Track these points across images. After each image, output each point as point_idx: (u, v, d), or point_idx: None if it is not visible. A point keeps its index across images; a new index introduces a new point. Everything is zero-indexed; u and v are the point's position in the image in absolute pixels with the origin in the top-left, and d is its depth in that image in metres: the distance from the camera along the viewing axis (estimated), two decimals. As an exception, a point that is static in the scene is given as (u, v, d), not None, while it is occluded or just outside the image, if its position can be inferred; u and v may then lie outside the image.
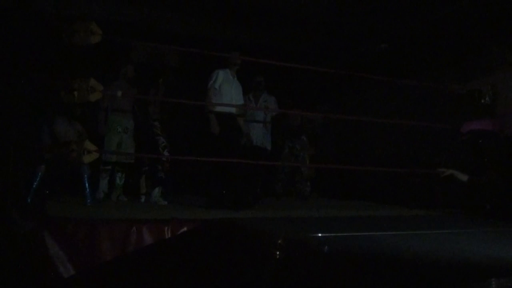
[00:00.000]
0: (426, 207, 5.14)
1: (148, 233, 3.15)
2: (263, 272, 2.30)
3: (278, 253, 2.28)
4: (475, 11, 5.27)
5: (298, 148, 6.62)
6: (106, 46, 3.75)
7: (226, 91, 4.73)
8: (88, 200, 4.52)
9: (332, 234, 2.73)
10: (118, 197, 5.25)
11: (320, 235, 2.66)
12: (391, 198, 5.94)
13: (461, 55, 5.60)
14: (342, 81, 6.79)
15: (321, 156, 8.03)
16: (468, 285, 1.69)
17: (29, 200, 4.41)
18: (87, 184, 4.55)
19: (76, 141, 3.44)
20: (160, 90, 5.12)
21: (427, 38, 6.04)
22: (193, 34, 6.45)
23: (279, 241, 2.39)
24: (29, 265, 2.87)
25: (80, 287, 2.94)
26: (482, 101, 4.59)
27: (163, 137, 5.08)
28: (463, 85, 4.64)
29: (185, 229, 3.25)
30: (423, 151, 6.15)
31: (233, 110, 4.76)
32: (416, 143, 6.27)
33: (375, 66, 6.37)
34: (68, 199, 4.88)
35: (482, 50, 4.70)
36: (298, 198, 6.54)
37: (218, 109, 4.63)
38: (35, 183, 4.49)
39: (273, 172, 6.65)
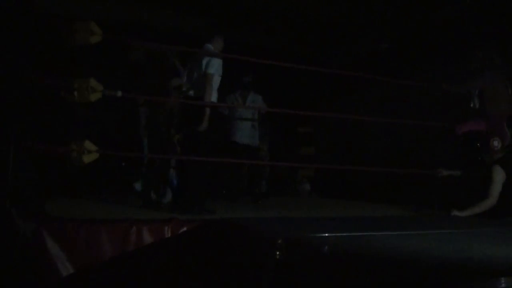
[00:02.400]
0: (425, 206, 5.14)
1: (148, 233, 3.14)
2: (263, 272, 2.30)
3: (278, 253, 2.28)
4: (468, 14, 5.31)
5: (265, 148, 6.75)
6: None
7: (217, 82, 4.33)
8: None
9: (332, 234, 2.73)
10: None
11: (320, 235, 2.66)
12: (391, 198, 5.94)
13: (457, 56, 5.63)
14: (341, 81, 6.79)
15: (320, 156, 8.04)
16: (468, 285, 1.69)
17: (154, 196, 4.65)
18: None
19: (76, 141, 3.43)
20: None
21: (427, 38, 6.06)
22: (190, 33, 6.46)
23: (279, 241, 2.39)
24: (29, 265, 2.86)
25: (80, 287, 2.94)
26: (471, 105, 4.64)
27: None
28: (452, 87, 4.69)
29: (185, 229, 3.25)
30: (422, 151, 6.14)
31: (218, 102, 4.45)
32: (416, 142, 6.27)
33: (375, 66, 6.38)
34: (68, 199, 4.88)
35: (471, 52, 4.73)
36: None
37: (213, 99, 4.25)
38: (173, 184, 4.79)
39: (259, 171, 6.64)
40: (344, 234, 2.82)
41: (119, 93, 4.56)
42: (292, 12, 6.14)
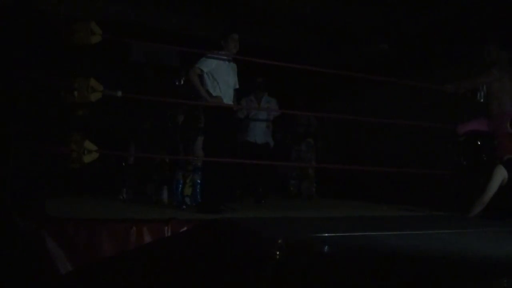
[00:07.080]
0: (427, 207, 5.14)
1: (148, 233, 3.14)
2: (263, 272, 2.30)
3: (277, 253, 2.28)
4: (471, 12, 5.29)
5: (304, 150, 6.75)
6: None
7: (221, 75, 4.27)
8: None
9: (332, 234, 2.73)
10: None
11: (320, 235, 2.66)
12: (391, 198, 5.93)
13: (458, 54, 5.61)
14: (341, 81, 6.79)
15: (321, 156, 8.02)
16: (468, 285, 1.69)
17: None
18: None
19: (76, 141, 3.42)
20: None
21: (427, 38, 6.05)
22: (192, 34, 6.46)
23: (279, 241, 2.39)
24: (29, 265, 2.86)
25: (78, 286, 2.94)
26: (478, 97, 4.59)
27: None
28: (458, 84, 4.65)
29: (185, 229, 3.25)
30: (423, 151, 6.14)
31: (229, 100, 4.38)
32: (416, 143, 6.27)
33: (375, 66, 6.38)
34: (68, 199, 4.88)
35: (477, 49, 4.70)
36: (304, 198, 6.78)
37: (215, 93, 4.23)
38: (179, 188, 4.78)
39: (285, 173, 6.88)
40: (344, 234, 2.82)
41: (119, 93, 4.56)
42: (291, 12, 6.14)
